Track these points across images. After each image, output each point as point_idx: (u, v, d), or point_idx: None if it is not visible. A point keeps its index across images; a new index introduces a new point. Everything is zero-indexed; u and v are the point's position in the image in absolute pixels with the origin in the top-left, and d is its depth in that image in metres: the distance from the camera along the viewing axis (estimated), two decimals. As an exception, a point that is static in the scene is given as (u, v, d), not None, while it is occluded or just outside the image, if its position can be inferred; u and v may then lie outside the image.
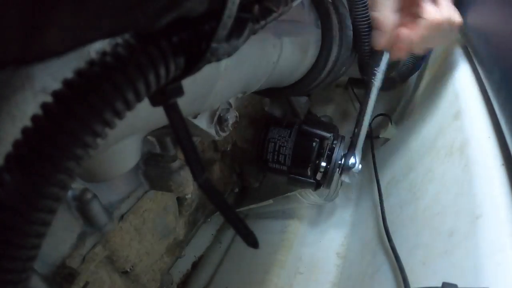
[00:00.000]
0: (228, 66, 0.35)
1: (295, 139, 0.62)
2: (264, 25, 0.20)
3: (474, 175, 0.41)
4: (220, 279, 0.63)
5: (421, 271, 0.42)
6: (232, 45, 0.18)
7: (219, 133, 0.43)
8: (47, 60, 0.13)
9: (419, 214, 0.49)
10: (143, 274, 0.49)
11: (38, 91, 0.19)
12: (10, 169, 0.14)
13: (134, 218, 0.45)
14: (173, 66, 0.16)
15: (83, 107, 0.14)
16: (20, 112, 0.19)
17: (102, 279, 0.42)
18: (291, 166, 0.63)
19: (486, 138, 0.43)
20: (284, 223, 0.70)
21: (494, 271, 0.32)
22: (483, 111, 0.47)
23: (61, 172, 0.14)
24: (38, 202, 0.14)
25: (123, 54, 0.15)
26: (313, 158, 0.61)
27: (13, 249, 0.14)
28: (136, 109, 0.16)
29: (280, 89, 0.58)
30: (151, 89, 0.15)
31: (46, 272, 0.35)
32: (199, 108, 0.38)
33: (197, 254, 0.70)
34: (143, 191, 0.46)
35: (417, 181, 0.54)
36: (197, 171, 0.21)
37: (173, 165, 0.45)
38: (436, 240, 0.42)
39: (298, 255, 0.65)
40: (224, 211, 0.22)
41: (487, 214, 0.36)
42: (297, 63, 0.51)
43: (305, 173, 0.62)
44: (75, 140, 0.14)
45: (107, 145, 0.30)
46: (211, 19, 0.16)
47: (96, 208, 0.39)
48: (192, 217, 0.63)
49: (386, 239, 0.51)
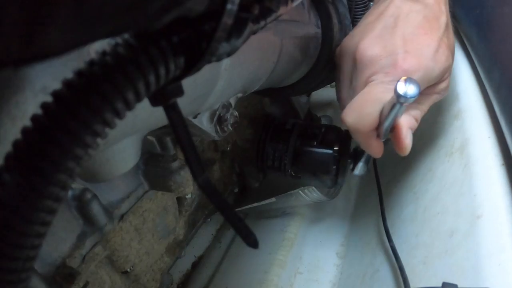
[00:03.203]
0: (228, 66, 0.35)
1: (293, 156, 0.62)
2: (264, 25, 0.20)
3: (474, 175, 0.41)
4: (220, 279, 0.63)
5: (421, 271, 0.42)
6: (232, 45, 0.18)
7: (219, 133, 0.43)
8: (47, 60, 0.13)
9: (419, 214, 0.49)
10: (143, 274, 0.49)
11: (38, 91, 0.19)
12: (10, 169, 0.14)
13: (134, 218, 0.45)
14: (173, 66, 0.16)
15: (83, 107, 0.14)
16: (20, 112, 0.19)
17: (102, 279, 0.42)
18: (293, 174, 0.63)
19: (486, 138, 0.43)
20: (284, 223, 0.70)
21: (494, 271, 0.32)
22: (483, 111, 0.47)
23: (61, 172, 0.14)
24: (38, 202, 0.14)
25: (123, 54, 0.15)
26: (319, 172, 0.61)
27: (13, 249, 0.14)
28: (136, 109, 0.16)
29: (280, 89, 0.58)
30: (151, 89, 0.15)
31: (46, 272, 0.35)
32: (199, 108, 0.38)
33: (197, 254, 0.70)
34: (143, 191, 0.46)
35: (417, 181, 0.54)
36: (197, 171, 0.21)
37: (173, 165, 0.45)
38: (436, 240, 0.42)
39: (298, 255, 0.65)
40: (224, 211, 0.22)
41: (487, 214, 0.36)
42: (297, 63, 0.51)
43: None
44: (75, 140, 0.14)
45: (107, 145, 0.30)
46: (211, 19, 0.16)
47: (96, 208, 0.39)
48: (192, 217, 0.63)
49: (386, 239, 0.51)
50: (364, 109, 0.39)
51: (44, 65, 0.18)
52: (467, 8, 0.58)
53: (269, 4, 0.20)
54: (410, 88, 0.32)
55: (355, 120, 0.40)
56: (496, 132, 0.43)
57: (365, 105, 0.39)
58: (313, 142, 0.60)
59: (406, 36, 0.40)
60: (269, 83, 0.49)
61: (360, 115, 0.39)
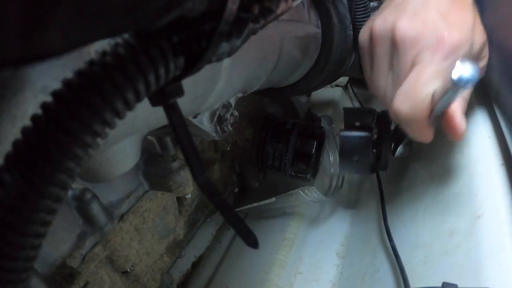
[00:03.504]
0: (228, 66, 0.35)
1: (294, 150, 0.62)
2: (264, 25, 0.20)
3: (474, 175, 0.41)
4: (220, 279, 0.63)
5: (421, 271, 0.42)
6: (232, 45, 0.18)
7: (219, 133, 0.43)
8: (47, 60, 0.13)
9: (419, 214, 0.49)
10: (143, 274, 0.49)
11: (38, 91, 0.19)
12: (10, 169, 0.13)
13: (134, 218, 0.45)
14: (173, 66, 0.16)
15: (83, 107, 0.14)
16: (20, 112, 0.19)
17: (102, 279, 0.42)
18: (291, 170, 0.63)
19: (486, 138, 0.43)
20: (284, 223, 0.70)
21: (494, 271, 0.32)
22: (483, 111, 0.47)
23: (61, 172, 0.14)
24: (38, 202, 0.14)
25: (123, 54, 0.15)
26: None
27: (13, 249, 0.14)
28: (136, 109, 0.16)
29: (280, 89, 0.58)
30: (151, 89, 0.15)
31: (46, 272, 0.35)
32: (199, 108, 0.38)
33: (197, 254, 0.69)
34: (143, 191, 0.46)
35: (417, 181, 0.54)
36: (197, 171, 0.21)
37: (173, 165, 0.45)
38: (436, 240, 0.42)
39: (298, 255, 0.65)
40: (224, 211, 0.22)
41: (488, 214, 0.36)
42: (297, 63, 0.51)
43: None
44: (75, 140, 0.14)
45: (107, 145, 0.30)
46: (211, 19, 0.16)
47: (96, 208, 0.39)
48: (192, 217, 0.63)
49: (387, 239, 0.51)
50: (419, 94, 0.35)
51: (44, 65, 0.18)
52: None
53: (269, 4, 0.20)
54: (468, 71, 0.28)
55: (411, 109, 0.36)
56: (496, 132, 0.43)
57: (419, 89, 0.35)
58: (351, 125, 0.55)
59: (442, 11, 0.37)
60: (269, 83, 0.49)
61: (415, 102, 0.36)
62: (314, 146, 0.63)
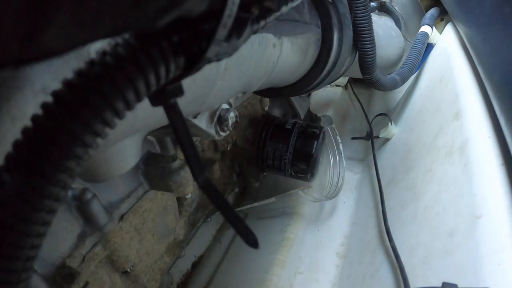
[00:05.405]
0: (228, 66, 0.35)
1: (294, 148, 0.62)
2: (264, 25, 0.20)
3: (474, 175, 0.41)
4: (220, 279, 0.63)
5: (421, 271, 0.42)
6: (232, 45, 0.18)
7: (219, 133, 0.43)
8: (47, 60, 0.13)
9: (419, 214, 0.49)
10: (143, 274, 0.49)
11: (38, 91, 0.19)
12: (10, 169, 0.13)
13: (134, 218, 0.45)
14: (173, 66, 0.16)
15: (83, 107, 0.14)
16: (20, 112, 0.19)
17: (102, 279, 0.42)
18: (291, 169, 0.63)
19: (486, 138, 0.43)
20: (284, 223, 0.70)
21: (494, 271, 0.32)
22: (483, 111, 0.47)
23: (61, 172, 0.14)
24: (38, 202, 0.14)
25: (123, 54, 0.15)
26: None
27: (13, 249, 0.14)
28: (136, 109, 0.16)
29: (280, 89, 0.58)
30: (151, 89, 0.15)
31: (46, 272, 0.35)
32: (199, 108, 0.38)
33: (197, 254, 0.70)
34: (143, 191, 0.46)
35: (417, 181, 0.54)
36: (197, 171, 0.21)
37: (173, 165, 0.45)
38: (436, 240, 0.42)
39: (298, 255, 0.65)
40: (224, 211, 0.22)
41: (487, 214, 0.36)
42: (297, 63, 0.51)
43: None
44: (75, 139, 0.14)
45: (107, 145, 0.30)
46: (211, 19, 0.16)
47: (96, 208, 0.39)
48: (192, 217, 0.63)
49: (387, 239, 0.51)
50: None
51: (44, 65, 0.18)
52: (467, 8, 0.58)
53: (269, 4, 0.20)
54: None
55: None
56: (496, 132, 0.43)
57: None
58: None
59: None
60: (269, 83, 0.49)
61: None
62: (314, 146, 0.63)
